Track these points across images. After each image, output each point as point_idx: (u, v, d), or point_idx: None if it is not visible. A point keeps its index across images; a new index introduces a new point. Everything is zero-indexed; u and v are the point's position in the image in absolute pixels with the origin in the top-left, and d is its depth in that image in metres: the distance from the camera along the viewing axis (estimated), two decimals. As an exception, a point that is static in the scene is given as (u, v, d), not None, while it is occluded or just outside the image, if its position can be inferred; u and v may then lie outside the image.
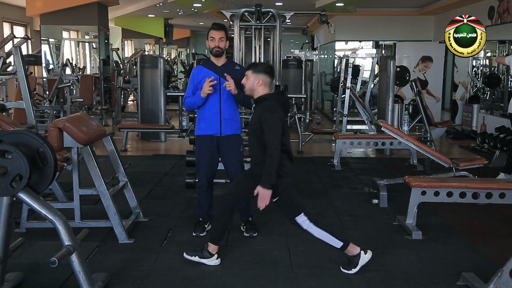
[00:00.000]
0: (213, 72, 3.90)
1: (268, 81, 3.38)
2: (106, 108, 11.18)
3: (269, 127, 3.18)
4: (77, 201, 4.01)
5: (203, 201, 4.12)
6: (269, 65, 3.51)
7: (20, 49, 4.85)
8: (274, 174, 3.17)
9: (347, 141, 6.78)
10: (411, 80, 8.21)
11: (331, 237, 3.30)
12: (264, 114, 3.23)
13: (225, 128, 3.94)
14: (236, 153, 4.02)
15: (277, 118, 3.21)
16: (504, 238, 4.16)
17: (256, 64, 3.44)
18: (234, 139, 4.01)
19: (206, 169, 4.02)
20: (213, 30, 3.90)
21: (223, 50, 3.90)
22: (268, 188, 3.19)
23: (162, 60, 8.55)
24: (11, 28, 13.01)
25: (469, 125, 9.35)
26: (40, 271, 3.34)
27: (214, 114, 3.92)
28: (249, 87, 3.38)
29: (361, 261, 3.34)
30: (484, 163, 4.97)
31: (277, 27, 6.79)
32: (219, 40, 3.87)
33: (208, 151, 3.99)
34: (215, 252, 3.48)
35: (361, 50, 13.88)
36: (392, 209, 4.78)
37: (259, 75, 3.34)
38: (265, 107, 3.26)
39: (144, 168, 6.64)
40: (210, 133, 3.96)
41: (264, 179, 3.18)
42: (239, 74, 3.90)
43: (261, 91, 3.36)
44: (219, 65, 3.94)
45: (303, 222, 3.29)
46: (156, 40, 18.61)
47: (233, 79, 3.80)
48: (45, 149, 2.68)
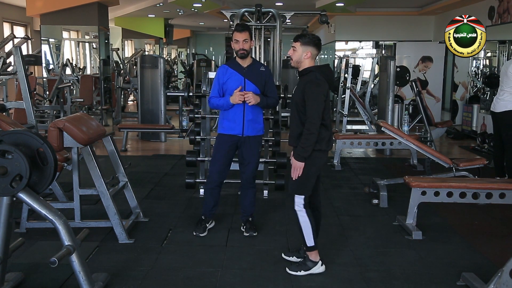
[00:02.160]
0: (238, 73, 3.92)
1: (315, 54, 3.30)
2: (106, 108, 11.18)
3: (311, 101, 3.14)
4: (77, 201, 4.01)
5: (209, 199, 4.13)
6: (316, 36, 3.38)
7: (20, 49, 4.84)
8: (310, 148, 3.14)
9: (347, 141, 6.78)
10: (411, 80, 8.22)
11: (310, 232, 3.30)
12: (308, 86, 3.18)
13: (248, 129, 3.95)
14: (255, 153, 4.05)
15: (320, 92, 3.16)
16: (504, 238, 4.16)
17: (304, 35, 3.28)
18: (255, 140, 4.03)
19: (220, 167, 4.04)
20: (236, 32, 3.89)
21: (248, 51, 3.90)
22: (301, 161, 3.17)
23: (162, 60, 8.56)
24: (11, 28, 13.00)
25: (469, 125, 9.35)
26: (40, 271, 3.34)
27: (237, 115, 3.94)
28: (296, 59, 3.29)
29: (314, 269, 3.32)
30: (484, 163, 4.96)
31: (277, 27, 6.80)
32: (243, 42, 3.86)
33: (225, 150, 4.01)
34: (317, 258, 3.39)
35: (361, 50, 13.89)
36: (392, 209, 4.78)
37: (308, 47, 3.25)
38: (309, 80, 3.20)
39: (144, 168, 6.64)
40: (233, 133, 3.98)
41: (298, 151, 3.16)
42: (264, 75, 3.95)
43: (307, 64, 3.28)
44: (244, 66, 3.94)
45: (298, 203, 3.29)
46: (156, 40, 18.60)
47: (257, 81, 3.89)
48: (45, 149, 2.68)
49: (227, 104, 3.90)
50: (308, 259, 3.35)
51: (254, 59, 4.10)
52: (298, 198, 3.29)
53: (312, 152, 3.18)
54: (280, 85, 5.86)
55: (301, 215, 3.30)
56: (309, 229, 3.30)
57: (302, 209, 3.29)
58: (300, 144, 3.16)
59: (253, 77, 3.92)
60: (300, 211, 3.29)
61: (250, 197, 4.13)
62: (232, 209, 4.75)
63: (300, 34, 3.30)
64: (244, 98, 3.81)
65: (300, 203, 3.29)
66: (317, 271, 3.33)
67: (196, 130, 5.22)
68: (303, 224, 3.30)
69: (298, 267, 3.34)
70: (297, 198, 3.29)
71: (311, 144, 3.14)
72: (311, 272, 3.32)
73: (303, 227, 3.30)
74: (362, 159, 7.47)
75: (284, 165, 5.12)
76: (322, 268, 3.35)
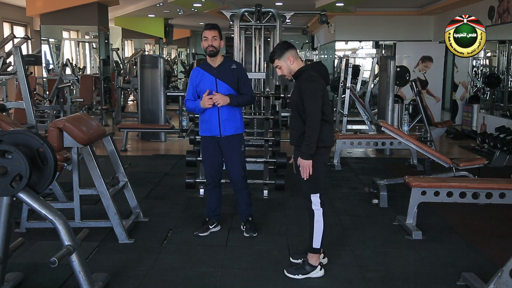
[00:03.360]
0: (209, 74, 3.90)
1: (295, 53, 3.34)
2: (106, 108, 11.18)
3: (309, 98, 3.16)
4: (77, 201, 4.01)
5: (209, 199, 4.18)
6: (282, 42, 3.44)
7: (20, 49, 4.84)
8: (314, 144, 3.16)
9: (347, 141, 6.77)
10: (411, 80, 8.21)
11: (320, 234, 3.30)
12: (304, 84, 3.20)
13: (225, 129, 3.95)
14: (237, 153, 4.03)
15: (317, 88, 3.18)
16: (504, 238, 4.15)
17: (274, 51, 3.35)
18: (234, 139, 4.01)
19: (209, 169, 4.08)
20: (205, 30, 3.89)
21: (217, 49, 3.88)
22: (307, 159, 3.18)
23: (162, 60, 8.55)
24: (11, 28, 13.00)
25: (469, 125, 9.35)
26: (40, 271, 3.34)
27: (212, 116, 3.93)
28: (287, 71, 3.34)
29: (312, 273, 3.31)
30: (484, 163, 4.97)
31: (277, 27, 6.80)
32: (212, 39, 3.84)
33: (210, 151, 4.04)
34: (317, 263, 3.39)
35: (361, 50, 13.89)
36: (392, 209, 4.78)
37: (285, 55, 3.30)
38: (304, 78, 3.23)
39: (144, 168, 6.64)
40: (211, 134, 3.99)
41: (304, 149, 3.17)
42: (236, 72, 3.93)
43: (297, 66, 3.32)
44: (215, 66, 3.92)
45: (315, 202, 3.29)
46: (156, 40, 18.61)
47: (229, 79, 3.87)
48: (45, 149, 2.68)
49: (198, 108, 3.92)
50: (308, 263, 3.33)
51: (226, 57, 4.06)
52: (315, 197, 3.29)
53: (317, 149, 3.20)
54: (280, 85, 5.86)
55: (318, 214, 3.30)
56: (320, 230, 3.30)
57: (319, 208, 3.30)
58: (304, 142, 3.17)
59: (225, 76, 3.90)
60: (318, 210, 3.30)
61: (245, 199, 4.11)
62: (232, 209, 4.75)
63: (271, 52, 3.40)
64: (213, 101, 3.81)
65: (317, 202, 3.29)
66: (315, 275, 3.31)
67: (196, 130, 5.21)
68: (317, 223, 3.30)
69: (297, 270, 3.33)
70: (314, 197, 3.30)
71: (315, 141, 3.15)
72: (309, 276, 3.30)
73: (316, 226, 3.30)
74: (362, 159, 7.47)
75: (284, 165, 5.12)
76: (321, 272, 3.33)
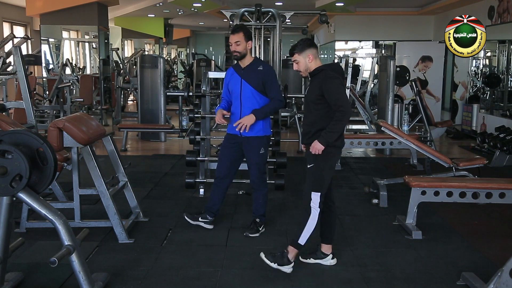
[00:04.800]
0: (237, 74, 4.02)
1: (315, 52, 3.39)
2: (106, 108, 11.18)
3: (334, 93, 3.21)
4: (77, 201, 4.01)
5: (212, 193, 4.25)
6: (306, 39, 3.50)
7: (20, 49, 4.85)
8: (335, 134, 3.20)
9: (347, 141, 6.74)
10: (411, 80, 8.22)
11: (310, 232, 3.31)
12: (326, 82, 3.24)
13: (244, 130, 3.96)
14: (255, 155, 4.07)
15: (339, 83, 3.26)
16: (504, 238, 4.15)
17: (296, 45, 3.38)
18: (254, 141, 4.04)
19: (220, 164, 4.18)
20: (230, 35, 3.99)
21: (241, 53, 3.96)
22: (323, 144, 3.20)
23: (162, 60, 8.56)
24: (11, 28, 13.00)
25: (469, 125, 9.35)
26: (40, 271, 3.34)
27: (235, 115, 4.03)
28: (303, 68, 3.38)
29: (285, 267, 3.31)
30: (484, 163, 4.96)
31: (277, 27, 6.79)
32: (235, 44, 3.93)
33: (227, 146, 4.14)
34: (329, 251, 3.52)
35: (361, 50, 13.89)
36: (392, 209, 4.78)
37: (306, 52, 3.34)
38: (324, 77, 3.28)
39: (144, 168, 6.64)
40: (233, 133, 4.07)
41: (324, 134, 3.21)
42: (262, 74, 3.99)
43: (314, 65, 3.36)
44: (243, 66, 4.02)
45: (314, 201, 3.30)
46: (156, 40, 18.60)
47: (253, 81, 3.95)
48: (45, 149, 2.68)
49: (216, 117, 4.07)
50: (286, 256, 3.33)
51: (256, 58, 4.18)
52: (315, 196, 3.30)
53: (327, 148, 3.22)
54: (280, 85, 5.85)
55: (314, 213, 3.31)
56: (311, 229, 3.31)
57: (317, 208, 3.31)
58: (327, 129, 3.20)
59: (250, 77, 3.98)
60: (315, 209, 3.31)
61: (257, 199, 4.17)
62: (232, 209, 4.75)
63: (293, 46, 3.41)
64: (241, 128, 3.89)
65: (317, 201, 3.30)
66: (286, 270, 3.32)
67: (196, 130, 5.22)
68: (311, 221, 3.31)
69: (274, 259, 3.33)
70: (314, 196, 3.31)
71: (338, 131, 3.21)
72: (281, 268, 3.31)
73: (308, 223, 3.31)
74: (362, 159, 7.47)
75: (284, 165, 5.11)
76: (290, 270, 3.33)
